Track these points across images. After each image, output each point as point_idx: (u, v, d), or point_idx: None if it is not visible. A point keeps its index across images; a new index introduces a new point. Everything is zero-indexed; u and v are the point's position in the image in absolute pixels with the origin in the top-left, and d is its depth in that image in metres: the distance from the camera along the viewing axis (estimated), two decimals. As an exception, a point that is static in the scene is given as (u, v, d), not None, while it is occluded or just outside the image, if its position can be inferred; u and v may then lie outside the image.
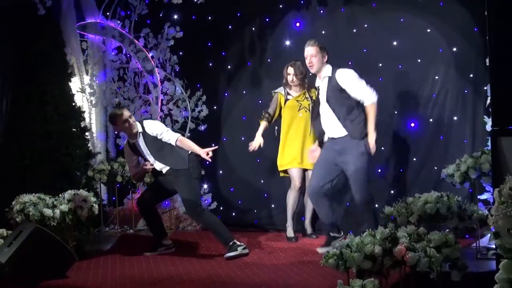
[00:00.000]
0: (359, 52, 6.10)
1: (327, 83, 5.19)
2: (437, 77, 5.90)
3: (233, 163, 6.86)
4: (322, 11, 6.43)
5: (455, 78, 5.84)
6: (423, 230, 3.63)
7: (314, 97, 5.96)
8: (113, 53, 7.37)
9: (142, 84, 7.27)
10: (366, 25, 6.20)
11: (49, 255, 4.62)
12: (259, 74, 6.78)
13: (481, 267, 4.30)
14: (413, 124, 6.00)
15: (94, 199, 5.57)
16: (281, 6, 6.63)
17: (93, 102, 7.27)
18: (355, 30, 6.26)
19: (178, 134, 5.51)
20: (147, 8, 7.19)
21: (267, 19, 6.74)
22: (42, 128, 6.25)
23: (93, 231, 6.50)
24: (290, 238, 5.93)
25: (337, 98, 5.12)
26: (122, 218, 6.93)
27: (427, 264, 3.42)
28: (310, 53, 5.24)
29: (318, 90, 5.32)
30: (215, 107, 7.05)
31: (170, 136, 5.44)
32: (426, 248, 3.46)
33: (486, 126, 5.46)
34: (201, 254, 5.62)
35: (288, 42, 6.60)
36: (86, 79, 7.27)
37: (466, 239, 5.25)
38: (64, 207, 5.25)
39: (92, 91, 7.26)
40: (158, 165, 5.54)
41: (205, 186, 6.94)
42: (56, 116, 6.36)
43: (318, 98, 5.30)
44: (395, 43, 6.07)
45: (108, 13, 7.28)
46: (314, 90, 6.00)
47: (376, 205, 5.58)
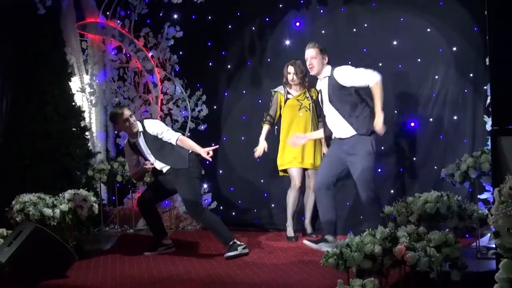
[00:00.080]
0: (359, 52, 6.10)
1: (328, 83, 5.20)
2: (437, 77, 5.90)
3: (233, 162, 6.86)
4: (322, 11, 6.43)
5: (455, 78, 5.84)
6: (423, 230, 3.63)
7: (315, 97, 5.97)
8: (113, 53, 7.37)
9: (142, 84, 7.27)
10: (366, 25, 6.20)
11: (49, 254, 4.62)
12: (259, 73, 6.78)
13: (481, 267, 4.30)
14: (413, 124, 6.00)
15: (94, 199, 5.58)
16: (281, 5, 6.63)
17: (93, 102, 7.27)
18: (355, 30, 6.26)
19: (179, 134, 5.51)
20: (147, 8, 7.19)
21: (267, 19, 6.73)
22: (42, 128, 6.25)
23: (93, 231, 6.51)
24: (290, 237, 5.93)
25: (339, 96, 5.13)
26: (122, 217, 6.93)
27: (427, 263, 3.42)
28: (310, 55, 5.25)
29: (321, 92, 5.31)
30: (215, 107, 7.05)
31: (171, 136, 5.44)
32: (426, 248, 3.46)
33: (486, 125, 5.46)
34: (201, 254, 5.62)
35: (288, 42, 6.59)
36: (86, 78, 7.27)
37: (466, 239, 5.25)
38: (64, 206, 5.26)
39: (92, 90, 7.26)
40: (158, 165, 5.54)
41: (205, 185, 6.94)
42: (56, 116, 6.35)
43: (322, 100, 5.29)
44: (395, 42, 6.07)
45: (108, 13, 7.28)
46: (314, 89, 6.00)
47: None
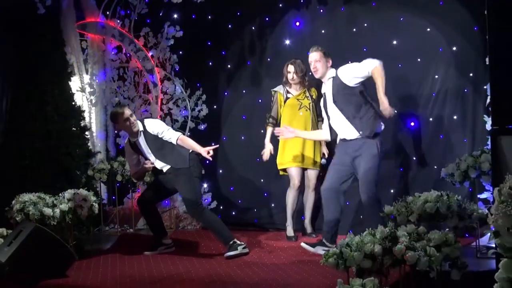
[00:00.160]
0: (359, 52, 6.08)
1: (332, 84, 5.18)
2: (437, 76, 5.90)
3: (233, 162, 6.86)
4: (322, 10, 6.42)
5: (455, 77, 5.83)
6: (423, 229, 3.63)
7: (315, 96, 5.97)
8: (113, 52, 7.37)
9: (142, 84, 7.27)
10: (366, 24, 6.20)
11: (49, 254, 4.62)
12: (259, 73, 6.78)
13: (481, 266, 4.30)
14: (413, 123, 6.00)
15: (94, 198, 5.58)
16: (281, 5, 6.63)
17: (93, 101, 7.27)
18: (355, 30, 6.26)
19: (179, 133, 5.50)
20: (147, 7, 7.20)
21: (267, 18, 6.73)
22: (42, 127, 6.25)
23: (93, 230, 6.51)
24: (290, 237, 5.93)
25: (344, 96, 5.10)
26: (122, 217, 6.93)
27: (427, 263, 3.42)
28: (314, 58, 5.23)
29: (324, 95, 5.30)
30: (215, 106, 7.05)
31: (171, 135, 5.43)
32: (426, 247, 3.46)
33: (486, 125, 5.46)
34: (201, 253, 5.62)
35: (288, 41, 6.59)
36: (86, 78, 7.27)
37: (466, 238, 5.26)
38: (64, 206, 5.26)
39: (92, 90, 7.26)
40: (158, 164, 5.54)
41: (205, 185, 6.94)
42: (56, 116, 6.35)
43: (326, 102, 5.27)
44: (395, 42, 6.07)
45: (108, 12, 7.28)
46: (314, 89, 6.01)
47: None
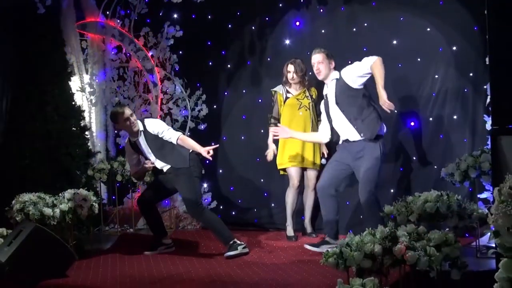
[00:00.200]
0: (359, 51, 6.07)
1: (335, 85, 5.18)
2: (437, 76, 5.90)
3: (233, 162, 6.86)
4: (322, 10, 6.42)
5: (455, 77, 5.83)
6: (423, 229, 3.63)
7: (314, 96, 5.97)
8: (113, 52, 7.37)
9: (142, 83, 7.27)
10: (366, 24, 6.20)
11: (49, 254, 4.62)
12: (259, 73, 6.78)
13: (481, 266, 4.30)
14: (413, 123, 6.00)
15: (94, 198, 5.58)
16: (281, 5, 6.63)
17: (93, 101, 7.27)
18: (355, 29, 6.26)
19: (179, 133, 5.50)
20: (147, 7, 7.19)
21: (267, 18, 6.73)
22: (42, 127, 6.25)
23: (93, 230, 6.51)
24: (290, 237, 5.93)
25: (346, 98, 5.10)
26: (122, 217, 6.93)
27: (427, 263, 3.42)
28: (317, 60, 5.23)
29: (326, 97, 5.29)
30: (215, 106, 7.04)
31: (171, 135, 5.43)
32: (426, 247, 3.46)
33: (486, 125, 5.46)
34: (201, 253, 5.62)
35: (288, 41, 6.59)
36: (86, 78, 7.27)
37: (466, 238, 5.26)
38: (64, 206, 5.26)
39: (92, 90, 7.26)
40: (158, 164, 5.54)
41: (205, 185, 6.93)
42: (56, 116, 6.35)
43: (328, 103, 5.26)
44: (395, 42, 6.07)
45: (108, 12, 7.28)
46: (314, 89, 6.00)
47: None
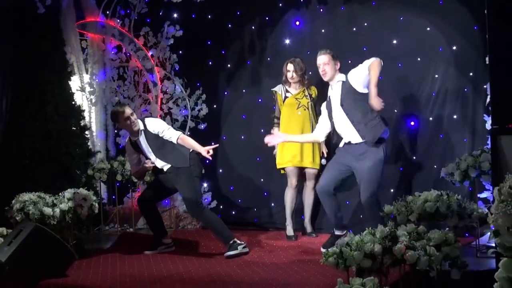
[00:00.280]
0: (359, 51, 6.09)
1: (341, 87, 5.17)
2: (437, 76, 5.90)
3: (233, 161, 6.86)
4: (322, 10, 6.42)
5: (454, 77, 5.83)
6: (423, 229, 3.63)
7: (314, 95, 5.96)
8: (112, 52, 7.37)
9: (142, 83, 7.27)
10: (366, 24, 6.20)
11: (49, 254, 4.62)
12: (259, 72, 6.78)
13: (481, 266, 4.31)
14: (413, 123, 6.00)
15: (94, 198, 5.58)
16: (280, 4, 6.63)
17: (93, 101, 7.27)
18: (355, 29, 6.26)
19: (180, 132, 5.50)
20: (146, 7, 7.19)
21: (267, 18, 6.73)
22: (42, 127, 6.25)
23: (93, 230, 6.51)
24: (290, 236, 5.93)
25: (352, 101, 5.09)
26: (122, 216, 6.93)
27: (427, 262, 3.42)
28: (323, 61, 5.22)
29: (330, 99, 5.29)
30: (215, 106, 7.04)
31: (172, 134, 5.43)
32: (426, 247, 3.46)
33: (486, 124, 5.46)
34: (201, 253, 5.62)
35: (287, 41, 6.59)
36: (86, 77, 7.27)
37: (466, 238, 5.26)
38: (64, 205, 5.26)
39: (92, 89, 7.26)
40: (159, 163, 5.54)
41: (205, 184, 6.93)
42: (56, 115, 6.35)
43: (331, 105, 5.25)
44: (395, 41, 6.07)
45: (108, 12, 7.28)
46: (314, 88, 6.00)
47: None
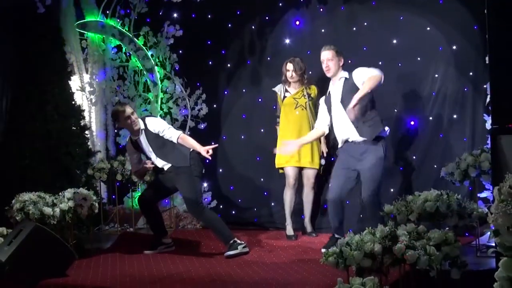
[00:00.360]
0: (359, 51, 6.09)
1: (343, 84, 5.17)
2: (436, 75, 5.90)
3: (233, 161, 6.86)
4: (322, 10, 6.42)
5: (454, 76, 5.83)
6: (423, 228, 3.63)
7: (313, 95, 5.95)
8: (112, 52, 7.37)
9: (142, 83, 7.28)
10: (365, 24, 6.20)
11: (49, 253, 4.62)
12: (259, 72, 6.78)
13: (481, 265, 4.31)
14: (412, 123, 6.00)
15: (94, 198, 5.58)
16: (280, 4, 6.63)
17: (93, 101, 7.27)
18: (355, 29, 6.25)
19: (180, 131, 5.50)
20: (146, 7, 7.20)
21: (267, 18, 6.73)
22: (42, 127, 6.25)
23: (93, 230, 6.51)
24: (290, 236, 5.93)
25: (352, 98, 5.10)
26: (122, 216, 6.93)
27: (427, 262, 3.42)
28: (327, 57, 5.21)
29: (330, 94, 5.27)
30: (214, 106, 7.05)
31: (172, 134, 5.43)
32: (426, 246, 3.46)
33: (486, 124, 5.46)
34: (201, 253, 5.62)
35: (287, 41, 6.59)
36: (86, 77, 7.27)
37: (466, 237, 5.25)
38: (64, 205, 5.26)
39: (92, 89, 7.27)
40: (159, 162, 5.54)
41: (205, 184, 6.93)
42: (56, 115, 6.35)
43: (331, 102, 5.25)
44: (394, 41, 6.06)
45: (107, 12, 7.28)
46: (314, 87, 6.00)
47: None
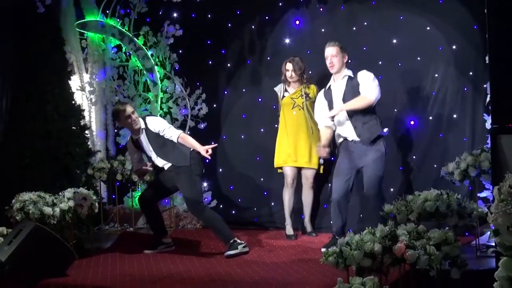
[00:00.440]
0: (359, 50, 6.09)
1: (346, 83, 5.17)
2: (436, 75, 5.90)
3: (233, 161, 6.86)
4: (321, 9, 6.42)
5: (454, 76, 5.83)
6: (423, 228, 3.63)
7: (311, 95, 5.94)
8: (112, 51, 7.37)
9: (141, 82, 7.27)
10: (365, 23, 6.20)
11: (49, 253, 4.62)
12: (259, 72, 6.78)
13: (480, 265, 4.32)
14: (412, 122, 6.00)
15: (94, 197, 5.58)
16: (280, 4, 6.62)
17: (93, 100, 7.27)
18: (354, 28, 6.25)
19: (180, 131, 5.51)
20: (146, 6, 7.19)
21: (266, 17, 6.73)
22: (42, 127, 6.25)
23: (93, 229, 6.51)
24: (289, 235, 5.93)
25: (354, 98, 5.09)
26: (122, 216, 6.93)
27: (427, 261, 3.42)
28: (331, 53, 5.21)
29: (331, 90, 5.26)
30: (214, 105, 7.04)
31: (172, 133, 5.43)
32: (425, 246, 3.46)
33: (486, 124, 5.46)
34: (201, 252, 5.62)
35: (287, 40, 6.58)
36: (86, 77, 7.27)
37: (466, 237, 5.26)
38: (64, 205, 5.26)
39: (92, 89, 7.26)
40: (160, 162, 5.54)
41: (205, 184, 6.93)
42: (56, 115, 6.35)
43: (332, 99, 5.24)
44: (394, 41, 6.06)
45: (107, 11, 7.27)
46: (313, 86, 5.99)
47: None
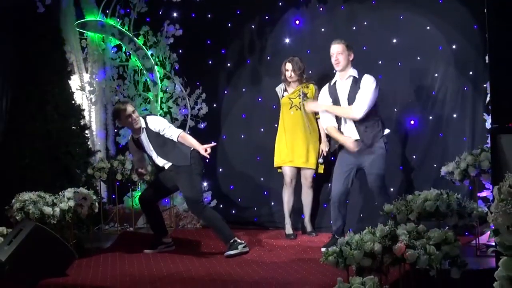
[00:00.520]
0: (359, 50, 6.06)
1: (351, 84, 5.17)
2: (436, 75, 5.90)
3: (233, 160, 6.86)
4: (321, 9, 6.42)
5: (454, 76, 5.83)
6: (423, 228, 3.63)
7: (310, 94, 5.92)
8: (112, 51, 7.37)
9: (141, 82, 7.27)
10: (365, 23, 6.20)
11: (49, 253, 4.62)
12: (259, 72, 6.78)
13: (480, 265, 4.32)
14: (412, 122, 6.00)
15: (94, 197, 5.58)
16: (280, 3, 6.63)
17: (93, 100, 7.27)
18: (354, 28, 6.25)
19: (180, 130, 5.51)
20: (146, 6, 7.19)
21: (266, 17, 6.73)
22: (42, 127, 6.25)
23: (93, 229, 6.51)
24: (289, 235, 5.93)
25: None
26: (122, 216, 6.93)
27: (427, 261, 3.42)
28: (337, 50, 5.21)
29: (336, 89, 5.26)
30: (214, 105, 7.04)
31: (172, 132, 5.44)
32: (425, 246, 3.46)
33: (486, 123, 5.46)
34: (201, 252, 5.62)
35: (287, 40, 6.58)
36: (86, 77, 7.27)
37: (466, 237, 5.26)
38: (64, 205, 5.26)
39: (91, 89, 7.26)
40: (160, 161, 5.55)
41: (205, 183, 6.93)
42: (56, 115, 6.35)
43: (337, 98, 5.25)
44: (394, 40, 6.07)
45: (107, 11, 7.27)
46: (312, 86, 5.99)
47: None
